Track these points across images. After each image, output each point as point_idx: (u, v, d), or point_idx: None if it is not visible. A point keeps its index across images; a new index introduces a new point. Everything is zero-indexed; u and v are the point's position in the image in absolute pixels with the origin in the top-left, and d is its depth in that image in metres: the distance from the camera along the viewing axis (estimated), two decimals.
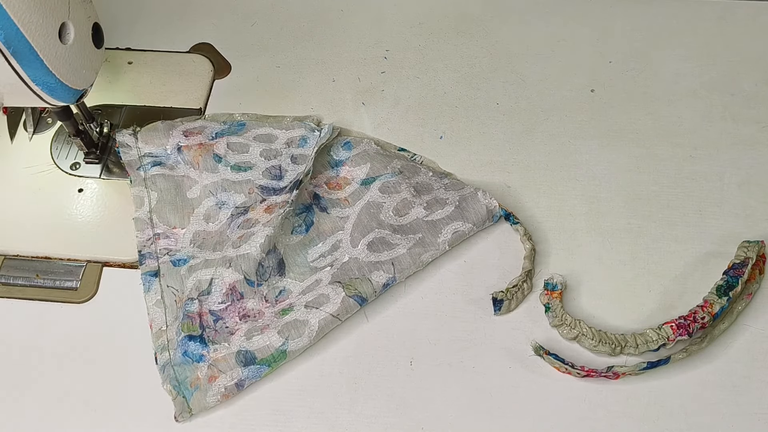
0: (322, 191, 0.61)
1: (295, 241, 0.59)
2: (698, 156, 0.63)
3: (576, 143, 0.64)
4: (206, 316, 0.55)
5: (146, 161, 0.62)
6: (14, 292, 0.58)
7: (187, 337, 0.54)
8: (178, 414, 0.52)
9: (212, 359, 0.53)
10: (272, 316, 0.55)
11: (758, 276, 0.56)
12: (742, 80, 0.67)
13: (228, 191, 0.61)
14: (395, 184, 0.60)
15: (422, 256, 0.57)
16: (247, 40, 0.72)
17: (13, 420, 0.53)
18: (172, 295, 0.57)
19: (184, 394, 0.53)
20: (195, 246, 0.59)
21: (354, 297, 0.55)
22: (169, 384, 0.53)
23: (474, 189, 0.60)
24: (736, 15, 0.72)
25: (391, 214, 0.59)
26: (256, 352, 0.53)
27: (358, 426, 0.52)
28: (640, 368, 0.51)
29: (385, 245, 0.58)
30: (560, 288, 0.55)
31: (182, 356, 0.54)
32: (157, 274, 0.58)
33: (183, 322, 0.54)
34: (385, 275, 0.56)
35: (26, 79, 0.50)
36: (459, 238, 0.58)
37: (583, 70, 0.69)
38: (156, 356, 0.54)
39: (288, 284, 0.57)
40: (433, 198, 0.60)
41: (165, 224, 0.60)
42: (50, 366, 0.55)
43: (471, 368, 0.54)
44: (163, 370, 0.54)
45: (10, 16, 0.46)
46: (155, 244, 0.59)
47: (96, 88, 0.57)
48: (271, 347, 0.53)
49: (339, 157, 0.63)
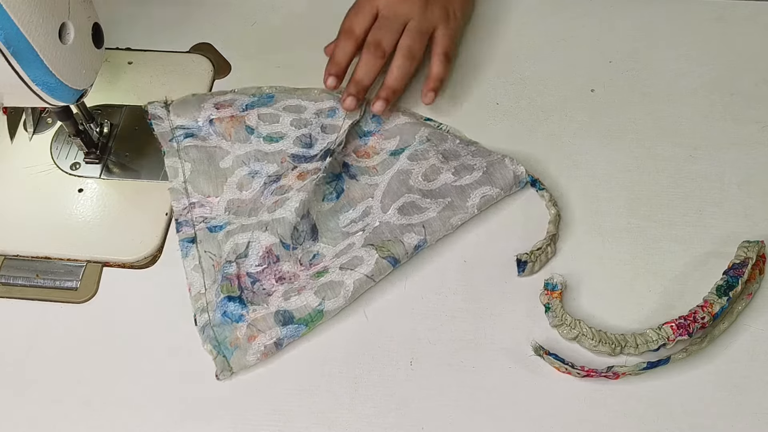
0: (351, 159, 0.63)
1: (326, 208, 0.60)
2: (698, 156, 0.63)
3: (576, 143, 0.64)
4: (244, 278, 0.56)
5: (178, 133, 0.64)
6: (14, 292, 0.59)
7: (227, 298, 0.55)
8: (219, 372, 0.53)
9: (251, 319, 0.54)
10: (307, 278, 0.57)
11: (758, 276, 0.56)
12: (742, 80, 0.67)
13: (261, 161, 0.62)
14: (423, 152, 0.62)
15: (451, 219, 0.59)
16: (247, 40, 0.72)
17: (12, 420, 0.53)
18: (210, 260, 0.58)
19: (224, 354, 0.54)
20: (230, 213, 0.60)
21: (387, 258, 0.56)
22: (209, 344, 0.54)
23: (501, 155, 0.61)
24: (736, 15, 0.72)
25: (420, 179, 0.61)
26: (294, 312, 0.55)
27: (358, 426, 0.52)
28: (640, 368, 0.51)
29: (416, 209, 0.59)
30: (560, 288, 0.55)
31: (222, 317, 0.55)
32: (194, 241, 0.59)
33: (222, 284, 0.56)
34: (417, 237, 0.57)
35: (26, 79, 0.50)
36: (487, 203, 0.60)
37: (583, 70, 0.69)
38: (195, 318, 0.56)
39: (321, 249, 0.58)
40: (461, 164, 0.61)
41: (200, 193, 0.61)
42: (50, 366, 0.55)
43: (471, 368, 0.54)
44: (203, 331, 0.55)
45: (10, 16, 0.46)
46: (191, 213, 0.60)
47: (96, 88, 0.57)
48: (308, 307, 0.55)
49: (368, 128, 0.65)
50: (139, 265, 0.60)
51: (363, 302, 0.57)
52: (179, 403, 0.53)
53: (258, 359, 0.54)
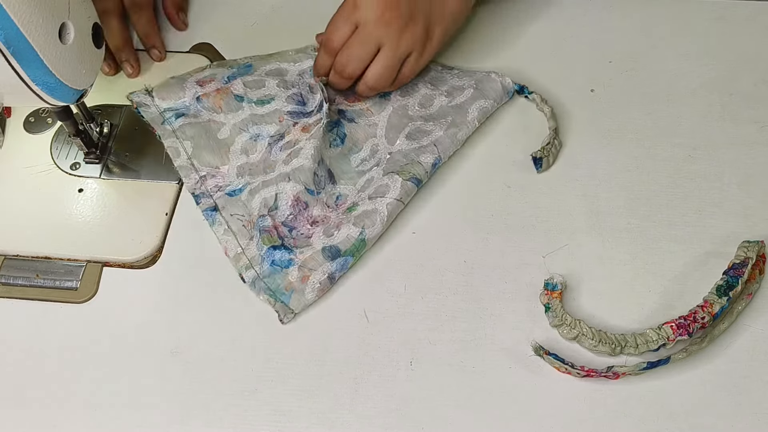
0: (344, 106, 0.65)
1: (335, 153, 0.62)
2: (698, 156, 0.63)
3: (576, 143, 0.64)
4: (281, 228, 0.58)
5: (168, 115, 0.64)
6: (14, 292, 0.58)
7: (271, 248, 0.57)
8: (283, 316, 0.55)
9: (301, 261, 0.57)
10: (339, 215, 0.59)
11: (758, 276, 0.56)
12: (741, 80, 0.67)
13: (258, 124, 0.63)
14: (411, 85, 0.65)
15: (458, 135, 0.62)
16: (247, 40, 0.72)
17: (13, 420, 0.53)
18: (238, 221, 0.59)
19: (281, 300, 0.56)
20: (243, 177, 0.61)
21: (411, 180, 0.59)
22: (264, 294, 0.56)
23: (486, 71, 0.66)
24: (736, 15, 0.72)
25: (417, 108, 0.64)
26: (339, 246, 0.57)
27: (358, 426, 0.52)
28: (640, 368, 0.51)
29: (422, 132, 0.63)
30: (560, 288, 0.55)
31: (270, 267, 0.57)
32: (216, 209, 0.60)
33: (262, 236, 0.57)
34: (431, 156, 0.61)
35: (26, 79, 0.50)
36: (484, 115, 0.64)
37: (583, 70, 0.69)
38: (242, 276, 0.57)
39: (342, 190, 0.61)
40: (451, 86, 0.65)
41: (207, 166, 0.62)
42: (50, 366, 0.55)
43: (471, 368, 0.54)
44: (254, 286, 0.57)
45: (10, 16, 0.46)
46: (204, 185, 0.61)
47: (96, 88, 0.57)
48: (351, 238, 0.57)
49: None
50: (139, 265, 0.60)
51: (363, 302, 0.57)
52: (179, 403, 0.53)
53: (316, 296, 0.56)
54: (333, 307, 0.57)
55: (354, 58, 0.61)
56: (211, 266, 0.59)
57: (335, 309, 0.57)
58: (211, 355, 0.55)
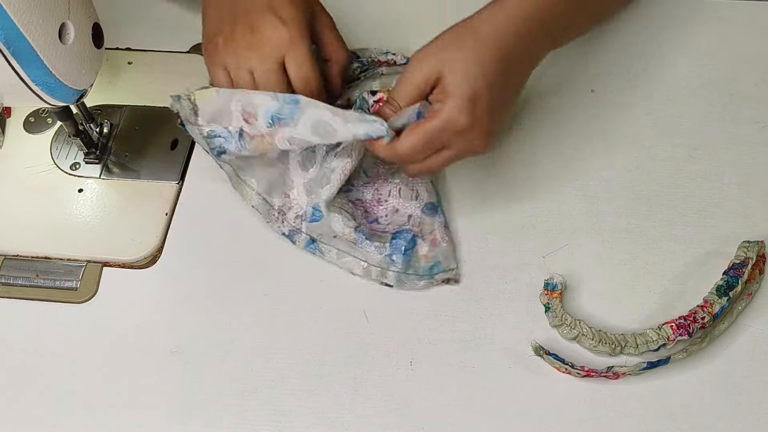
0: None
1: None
2: (698, 156, 0.63)
3: (576, 143, 0.64)
4: (374, 225, 0.60)
5: (213, 145, 0.57)
6: (14, 292, 0.59)
7: (392, 238, 0.58)
8: (453, 280, 0.58)
9: (423, 233, 0.58)
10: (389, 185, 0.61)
11: (758, 276, 0.56)
12: (741, 80, 0.67)
13: (307, 150, 0.59)
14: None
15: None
16: None
17: (13, 420, 0.53)
18: (340, 240, 0.58)
19: (436, 273, 0.57)
20: (311, 195, 0.59)
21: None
22: (420, 282, 0.57)
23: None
24: (736, 15, 0.72)
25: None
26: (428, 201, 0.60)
27: (358, 426, 0.52)
28: (640, 368, 0.51)
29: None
30: (560, 288, 0.55)
31: (404, 256, 0.57)
32: (315, 240, 0.59)
33: (373, 241, 0.58)
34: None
35: (26, 79, 0.50)
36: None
37: (583, 70, 0.69)
38: (384, 283, 0.58)
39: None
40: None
41: (277, 197, 0.60)
42: (50, 366, 0.55)
43: (471, 368, 0.54)
44: (403, 286, 0.57)
45: (10, 16, 0.46)
46: (285, 220, 0.60)
47: (96, 88, 0.57)
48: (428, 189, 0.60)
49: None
50: (139, 265, 0.60)
51: (363, 302, 0.57)
52: (179, 403, 0.53)
53: (453, 245, 0.59)
54: (333, 307, 0.57)
55: (420, 161, 0.54)
56: (211, 266, 0.59)
57: (335, 309, 0.57)
58: (211, 355, 0.55)
